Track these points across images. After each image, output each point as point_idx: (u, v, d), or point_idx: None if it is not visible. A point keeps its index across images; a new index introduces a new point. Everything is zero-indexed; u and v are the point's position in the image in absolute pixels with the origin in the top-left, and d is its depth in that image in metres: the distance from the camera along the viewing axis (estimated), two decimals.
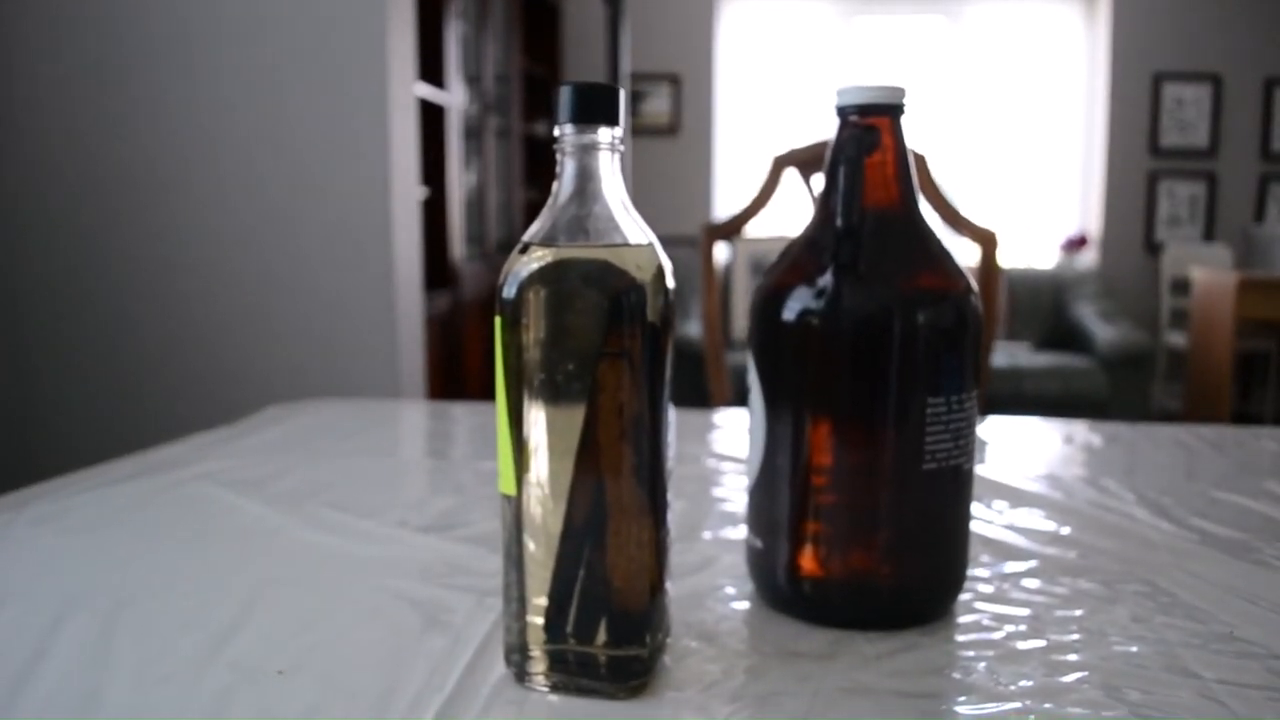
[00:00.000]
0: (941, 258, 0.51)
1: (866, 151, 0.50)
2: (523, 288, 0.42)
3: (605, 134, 0.43)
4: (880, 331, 0.48)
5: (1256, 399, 4.06)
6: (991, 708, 0.43)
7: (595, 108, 0.42)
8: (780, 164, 1.35)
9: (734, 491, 0.77)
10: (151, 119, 1.85)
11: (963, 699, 0.44)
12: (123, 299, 1.90)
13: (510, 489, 0.44)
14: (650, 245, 0.43)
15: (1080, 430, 1.02)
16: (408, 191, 1.98)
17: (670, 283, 0.44)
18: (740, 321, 3.85)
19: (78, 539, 0.65)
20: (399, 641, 0.49)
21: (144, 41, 1.83)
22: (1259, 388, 4.06)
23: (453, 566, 0.60)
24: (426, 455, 0.96)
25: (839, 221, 0.49)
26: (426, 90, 2.48)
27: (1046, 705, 0.44)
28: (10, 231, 1.88)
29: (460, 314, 2.85)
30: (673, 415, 0.45)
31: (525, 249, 0.43)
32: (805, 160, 1.33)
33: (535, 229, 0.43)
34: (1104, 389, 3.61)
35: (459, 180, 2.84)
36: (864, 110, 0.51)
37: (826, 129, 0.54)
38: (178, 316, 1.90)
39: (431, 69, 2.57)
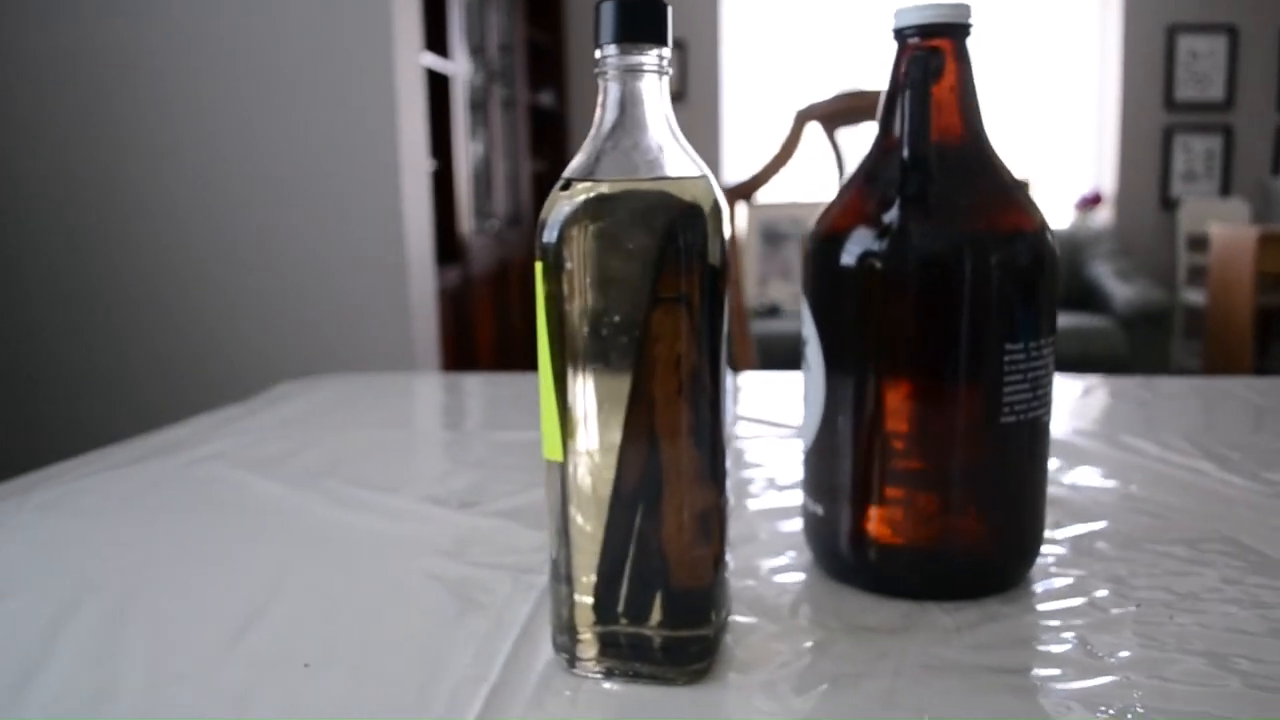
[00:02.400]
0: (1015, 192, 0.47)
1: (934, 76, 0.45)
2: (565, 228, 0.37)
3: (652, 55, 0.38)
4: (953, 272, 0.44)
5: (1275, 355, 4.00)
6: (1091, 683, 0.39)
7: (641, 25, 0.38)
8: (803, 119, 1.29)
9: (771, 456, 0.73)
10: (156, 92, 1.80)
11: (1057, 672, 0.40)
12: (130, 280, 1.86)
13: (556, 454, 0.40)
14: (705, 178, 0.39)
15: (1126, 385, 0.98)
16: (417, 163, 1.93)
17: (728, 221, 0.39)
18: (753, 289, 3.79)
19: (85, 525, 0.61)
20: (434, 626, 0.45)
21: (145, 12, 1.77)
22: (1277, 343, 4.00)
23: (485, 542, 0.56)
24: (443, 428, 0.92)
25: (905, 152, 0.44)
26: (431, 60, 2.42)
27: (1151, 679, 0.39)
28: (15, 205, 1.84)
29: (470, 288, 2.80)
30: (728, 367, 0.41)
31: (567, 185, 0.38)
32: (829, 114, 1.28)
33: (577, 163, 0.39)
34: (1123, 348, 3.55)
35: (465, 152, 2.79)
36: (926, 31, 0.46)
37: (843, 84, 0.49)
38: (187, 295, 1.86)
39: (436, 38, 2.51)
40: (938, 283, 0.44)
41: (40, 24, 1.79)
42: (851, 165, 1.35)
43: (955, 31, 0.46)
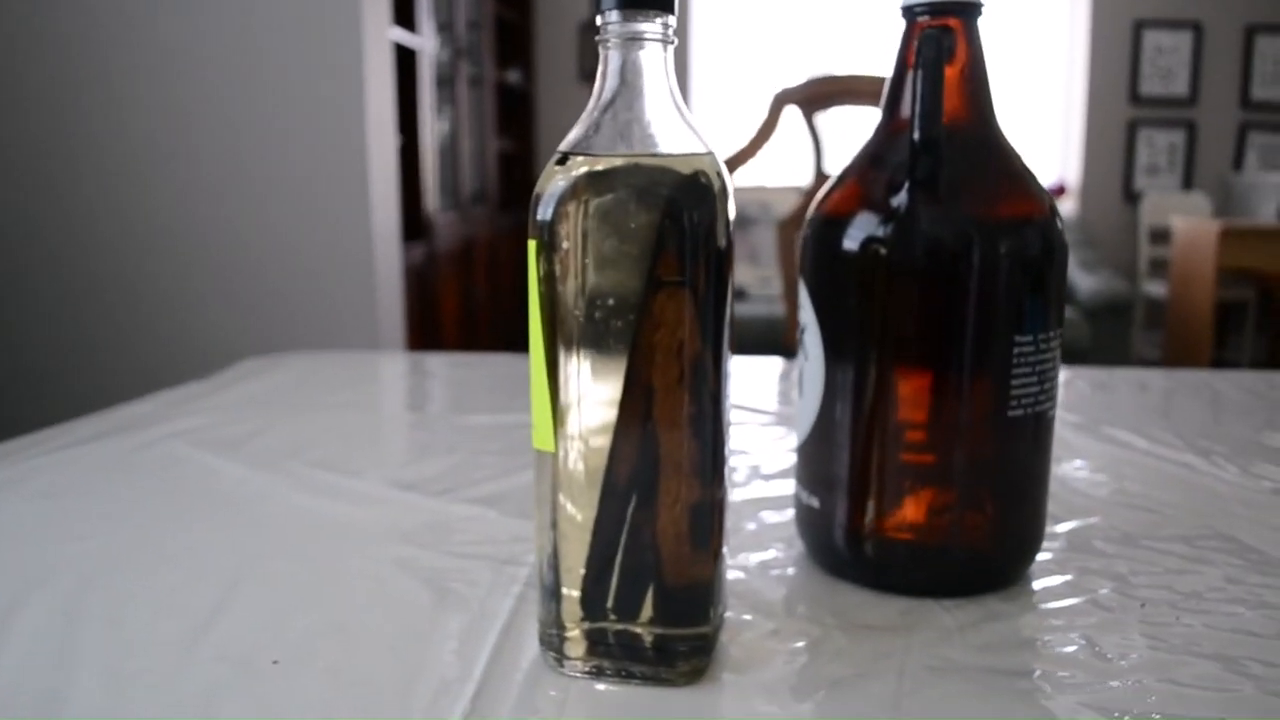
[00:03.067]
0: (1026, 179, 0.45)
1: (947, 56, 0.43)
2: (561, 204, 0.35)
3: (657, 22, 0.36)
4: (963, 260, 0.42)
5: (1233, 347, 4.05)
6: (1102, 686, 0.38)
7: None
8: (781, 101, 1.27)
9: (753, 444, 0.71)
10: (119, 65, 1.74)
11: (1067, 675, 0.39)
12: (89, 251, 1.80)
13: (547, 443, 0.37)
14: (711, 155, 0.37)
15: (1105, 376, 0.97)
16: (384, 139, 1.89)
17: (732, 200, 0.37)
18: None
19: (36, 509, 0.58)
20: (411, 621, 0.43)
21: None
22: (1235, 335, 4.05)
23: (461, 531, 0.54)
24: (409, 409, 0.89)
25: (916, 135, 0.42)
26: (399, 34, 2.37)
27: (1163, 683, 0.38)
28: None
29: (435, 265, 2.76)
30: (730, 356, 0.39)
31: (563, 160, 0.36)
32: (808, 98, 1.26)
33: (574, 136, 0.36)
34: (1086, 339, 3.58)
35: (431, 129, 2.74)
36: (936, 9, 0.44)
37: (816, 67, 0.47)
38: (148, 270, 1.81)
39: (403, 12, 2.46)
40: (946, 271, 0.42)
41: None
42: (831, 150, 1.33)
43: (967, 10, 0.44)
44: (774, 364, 1.01)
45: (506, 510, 0.57)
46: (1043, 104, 4.43)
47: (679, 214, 0.35)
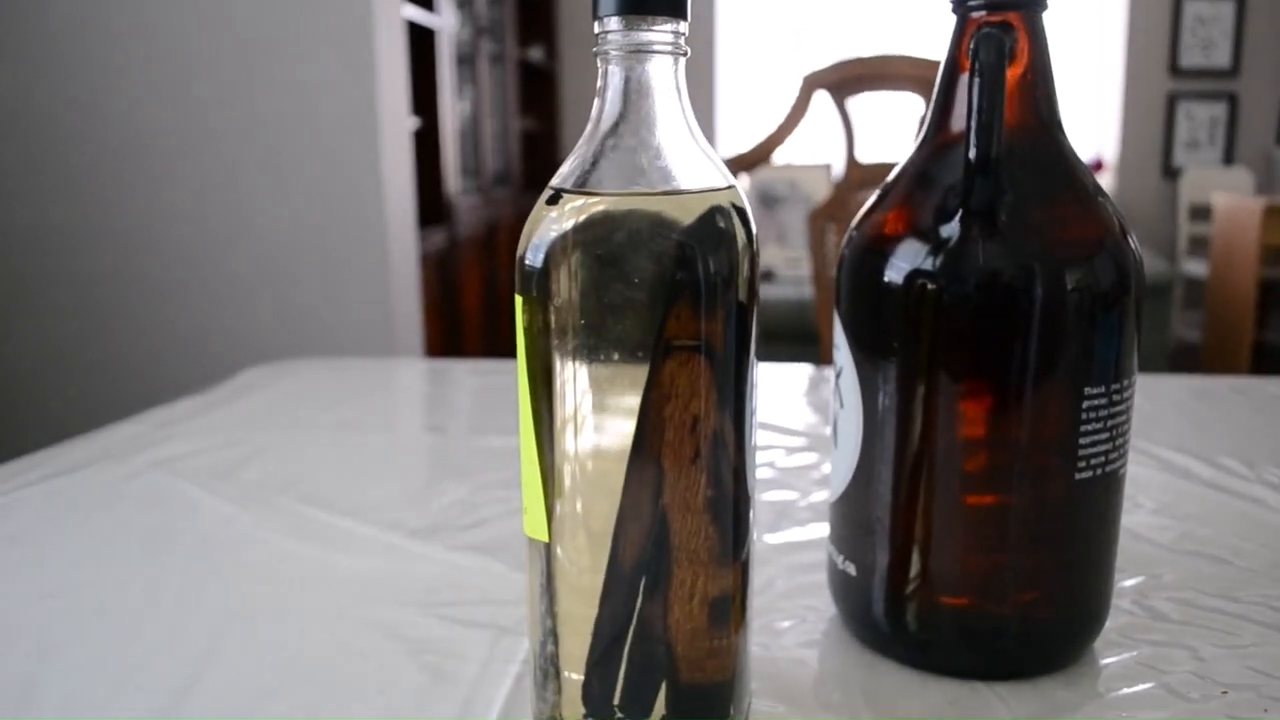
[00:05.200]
0: (1099, 203, 0.39)
1: (1010, 58, 0.37)
2: (553, 254, 0.29)
3: (666, 30, 0.30)
4: (1025, 301, 0.36)
5: (1275, 328, 3.94)
6: None
7: None
8: (810, 85, 1.21)
9: (784, 474, 0.66)
10: (123, 48, 1.69)
11: None
12: (92, 250, 1.76)
13: (539, 532, 0.32)
14: (732, 189, 0.31)
15: (1158, 383, 0.90)
16: (397, 120, 1.83)
17: (756, 243, 0.32)
18: None
19: (8, 555, 0.53)
20: (394, 708, 0.38)
21: None
22: (1277, 316, 3.94)
23: (461, 588, 0.49)
24: (425, 430, 0.84)
25: (971, 152, 0.37)
26: (414, 12, 2.31)
27: None
28: None
29: (457, 249, 2.71)
30: (756, 420, 0.33)
31: (555, 198, 0.30)
32: (838, 82, 1.20)
33: (569, 169, 0.31)
34: None
35: (452, 109, 2.68)
36: (994, 3, 0.38)
37: (851, 49, 0.41)
38: (149, 266, 1.76)
39: None
40: (1005, 312, 0.37)
41: None
42: (862, 138, 1.26)
43: (1030, 3, 0.38)
44: (802, 371, 0.95)
45: (512, 561, 0.52)
46: (1079, 77, 4.30)
47: (692, 263, 0.29)
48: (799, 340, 2.65)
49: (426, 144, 2.50)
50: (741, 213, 0.31)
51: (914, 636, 0.41)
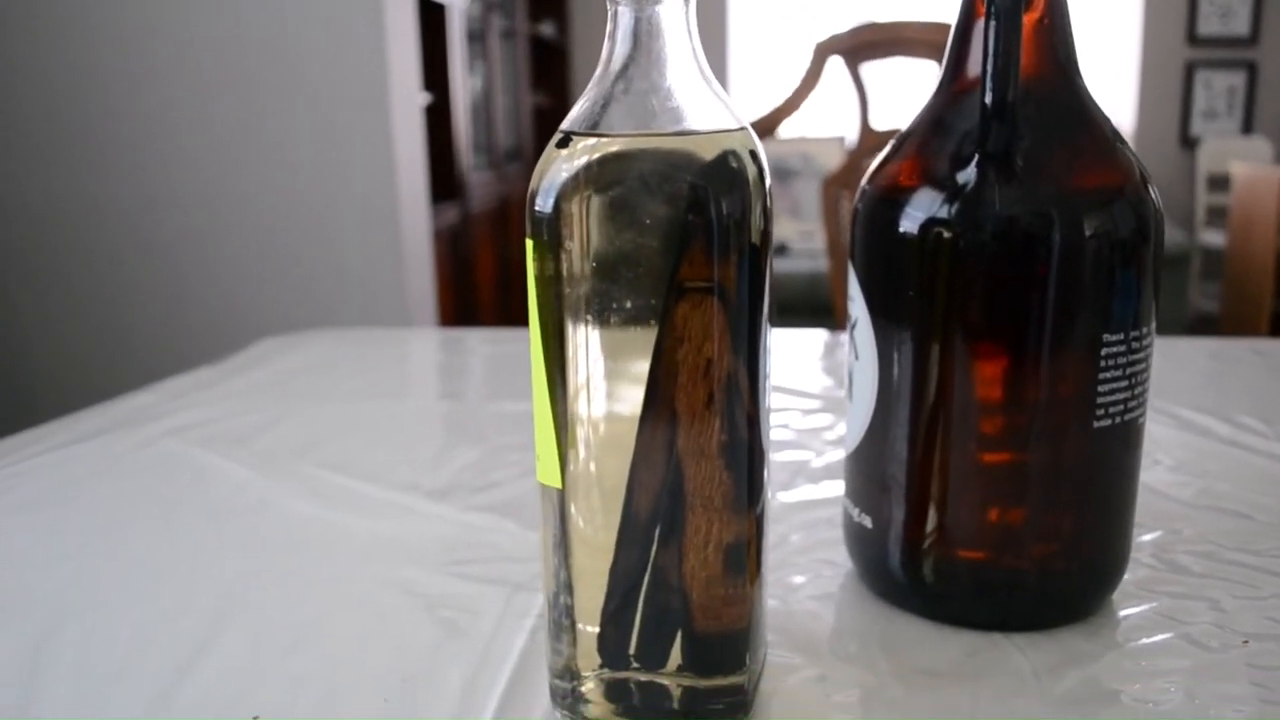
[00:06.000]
0: (1117, 149, 0.38)
1: (1026, 2, 0.36)
2: (563, 197, 0.29)
3: None
4: (1043, 247, 0.36)
5: None
6: None
7: None
8: (823, 52, 1.20)
9: (799, 434, 0.65)
10: (131, 24, 1.69)
11: None
12: (105, 225, 1.76)
13: (552, 478, 0.32)
14: (744, 131, 0.31)
15: (1176, 345, 0.89)
16: (408, 96, 1.83)
17: (769, 186, 0.31)
18: None
19: (21, 521, 0.53)
20: (409, 663, 0.38)
21: None
22: None
23: (476, 547, 0.49)
24: (440, 397, 0.84)
25: (987, 97, 0.36)
26: None
27: None
28: None
29: (470, 226, 2.70)
30: (770, 365, 0.33)
31: (565, 140, 0.30)
32: (852, 48, 1.18)
33: (578, 112, 0.30)
34: None
35: (463, 85, 2.67)
36: None
37: (864, 14, 0.40)
38: (161, 240, 1.77)
39: None
40: (1023, 259, 0.36)
41: None
42: (878, 104, 1.25)
43: None
44: (817, 337, 0.95)
45: (527, 520, 0.52)
46: (1095, 45, 4.25)
47: (705, 204, 0.29)
48: (814, 313, 2.65)
49: (438, 120, 2.49)
50: (754, 154, 0.30)
51: (931, 589, 0.41)
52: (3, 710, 0.35)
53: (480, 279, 2.83)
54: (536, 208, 0.29)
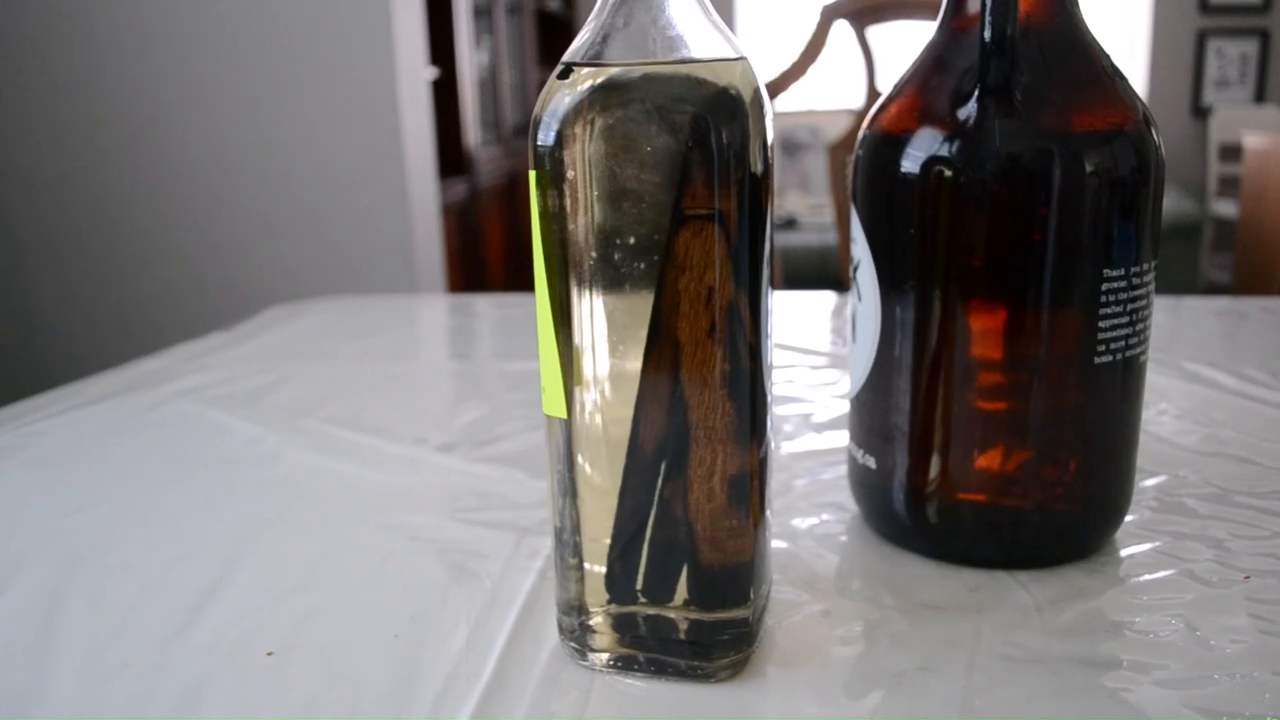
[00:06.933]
0: (1117, 85, 0.38)
1: None
2: (565, 126, 0.29)
3: None
4: (1043, 182, 0.36)
5: None
6: (1206, 681, 0.32)
7: None
8: (829, 15, 1.19)
9: (804, 389, 0.66)
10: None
11: (1162, 668, 0.33)
12: (117, 199, 1.77)
13: (558, 409, 0.32)
14: (744, 60, 0.31)
15: (1182, 304, 0.89)
16: (415, 71, 1.83)
17: (770, 115, 0.31)
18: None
19: (30, 478, 0.54)
20: (420, 603, 0.39)
21: None
22: None
23: (483, 496, 0.49)
24: (448, 357, 0.85)
25: (986, 34, 0.36)
26: None
27: (1277, 675, 0.32)
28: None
29: (478, 201, 2.71)
30: (772, 300, 0.33)
31: (566, 72, 0.30)
32: (858, 10, 1.18)
33: (579, 44, 0.31)
34: None
35: (470, 60, 2.66)
36: None
37: None
38: (171, 215, 1.77)
39: None
40: (1024, 195, 0.36)
41: None
42: (885, 67, 1.25)
43: None
44: (826, 299, 0.95)
45: (534, 470, 0.52)
46: (1105, 13, 4.22)
47: (705, 133, 0.29)
48: (824, 287, 2.64)
49: (445, 95, 2.49)
50: (753, 84, 0.31)
51: (935, 529, 0.41)
52: (21, 648, 0.36)
53: (489, 254, 2.83)
54: (540, 138, 0.30)
